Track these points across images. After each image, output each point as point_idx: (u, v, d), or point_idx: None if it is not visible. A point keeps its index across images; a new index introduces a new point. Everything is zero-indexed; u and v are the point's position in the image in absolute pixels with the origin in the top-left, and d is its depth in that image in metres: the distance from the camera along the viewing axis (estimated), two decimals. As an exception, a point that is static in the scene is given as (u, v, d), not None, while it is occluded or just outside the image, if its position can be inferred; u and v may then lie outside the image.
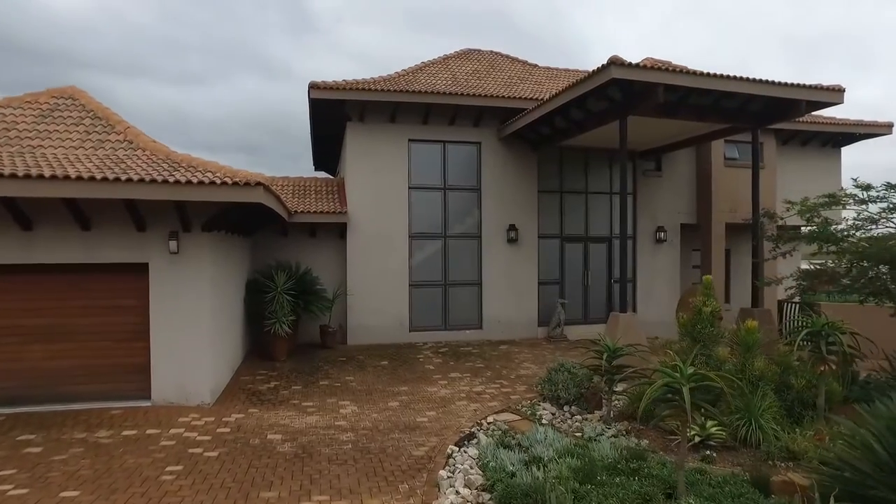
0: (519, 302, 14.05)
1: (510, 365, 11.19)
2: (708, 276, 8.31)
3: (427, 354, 12.10)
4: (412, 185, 13.57)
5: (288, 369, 10.51)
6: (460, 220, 13.88)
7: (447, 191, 13.80)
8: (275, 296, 11.04)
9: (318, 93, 12.20)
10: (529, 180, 14.13)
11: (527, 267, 14.12)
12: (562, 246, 14.60)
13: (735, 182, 15.13)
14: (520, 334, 14.04)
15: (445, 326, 13.76)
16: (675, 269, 15.27)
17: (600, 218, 14.88)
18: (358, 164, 13.23)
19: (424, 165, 13.67)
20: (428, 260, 13.71)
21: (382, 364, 11.10)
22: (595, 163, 14.78)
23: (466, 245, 13.91)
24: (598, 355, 7.92)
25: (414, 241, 13.60)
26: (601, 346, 7.91)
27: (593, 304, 14.84)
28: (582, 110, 10.99)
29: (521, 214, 14.04)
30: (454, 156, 13.84)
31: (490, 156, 13.90)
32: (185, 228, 7.69)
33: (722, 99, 10.42)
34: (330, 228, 13.47)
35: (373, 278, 13.17)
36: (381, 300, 13.21)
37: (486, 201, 13.89)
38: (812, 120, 15.57)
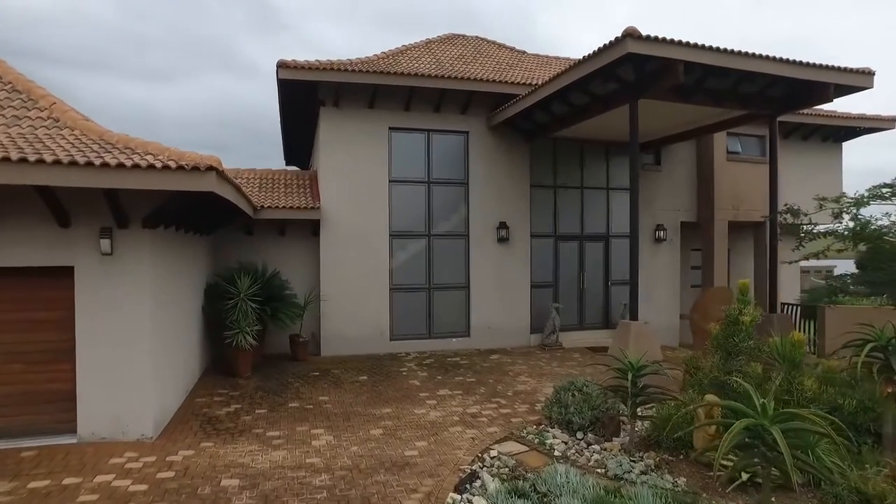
0: (510, 307, 12.87)
1: (505, 379, 9.98)
2: (744, 280, 7.21)
3: (411, 367, 10.81)
4: (393, 178, 12.27)
5: (252, 387, 9.11)
6: (446, 218, 12.63)
7: (431, 185, 12.54)
8: (237, 303, 9.62)
9: (288, 73, 10.81)
10: (521, 174, 12.95)
11: (518, 268, 12.94)
12: (556, 245, 13.45)
13: (737, 178, 14.21)
14: (511, 342, 12.85)
15: (430, 335, 12.49)
16: (675, 270, 14.27)
17: (596, 215, 13.78)
18: (332, 155, 11.87)
19: (406, 156, 12.38)
20: (410, 261, 12.43)
21: (361, 379, 9.78)
22: (591, 155, 13.68)
23: (452, 245, 12.67)
24: (619, 374, 6.75)
25: (395, 241, 12.30)
26: (623, 363, 6.74)
27: (589, 308, 13.74)
28: (586, 94, 9.84)
29: (512, 211, 12.85)
30: (439, 146, 12.59)
31: (479, 146, 12.68)
32: (120, 224, 6.26)
33: (742, 82, 9.39)
34: (301, 226, 12.08)
35: (349, 281, 11.84)
36: (358, 306, 11.88)
37: (473, 196, 12.66)
38: (814, 113, 14.76)
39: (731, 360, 6.79)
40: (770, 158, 10.35)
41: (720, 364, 6.87)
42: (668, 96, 9.11)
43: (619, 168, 13.89)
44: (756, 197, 14.33)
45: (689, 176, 14.47)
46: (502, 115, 11.94)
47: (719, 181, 13.96)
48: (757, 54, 8.41)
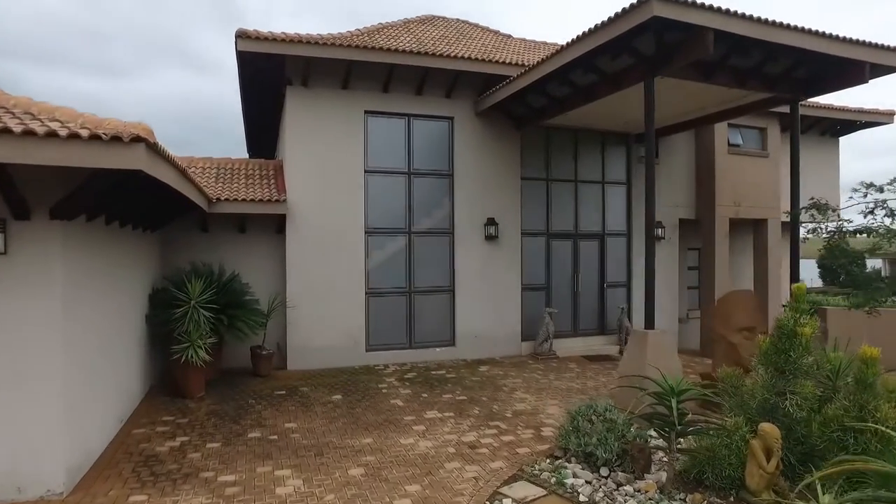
0: (499, 312, 11.64)
1: (499, 396, 8.75)
2: (800, 283, 6.10)
3: (391, 383, 9.48)
4: (369, 168, 10.91)
5: (205, 412, 7.65)
6: (428, 213, 11.33)
7: (412, 176, 11.23)
8: (187, 311, 8.14)
9: (249, 44, 9.35)
10: (511, 165, 11.74)
11: (508, 269, 11.72)
12: (548, 244, 12.29)
13: (739, 172, 13.29)
14: (501, 351, 11.62)
15: (410, 344, 11.16)
16: (674, 271, 13.27)
17: (591, 211, 12.67)
18: (300, 142, 10.45)
19: (384, 144, 11.04)
20: (389, 261, 11.09)
21: (334, 399, 8.41)
22: (585, 146, 12.56)
23: (436, 243, 11.38)
24: (656, 398, 5.57)
25: (371, 238, 10.94)
26: (660, 385, 5.56)
27: (584, 312, 12.62)
28: (593, 71, 8.67)
29: (501, 206, 11.63)
30: (421, 133, 11.28)
31: (465, 134, 11.42)
32: (18, 214, 4.78)
33: (766, 61, 8.36)
34: (264, 222, 10.62)
35: (319, 285, 10.43)
36: (330, 312, 10.48)
37: (459, 189, 11.40)
38: (814, 104, 13.97)
39: (783, 379, 5.69)
40: (791, 147, 9.38)
41: (769, 383, 5.76)
42: (689, 74, 8.02)
43: (615, 160, 12.83)
44: (757, 193, 13.45)
45: (688, 169, 13.50)
46: (492, 99, 10.70)
47: (721, 175, 13.02)
48: (793, 26, 7.36)
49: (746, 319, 8.22)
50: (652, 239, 8.06)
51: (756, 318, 8.33)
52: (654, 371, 7.67)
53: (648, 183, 8.01)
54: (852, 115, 14.60)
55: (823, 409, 5.54)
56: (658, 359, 7.67)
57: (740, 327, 8.18)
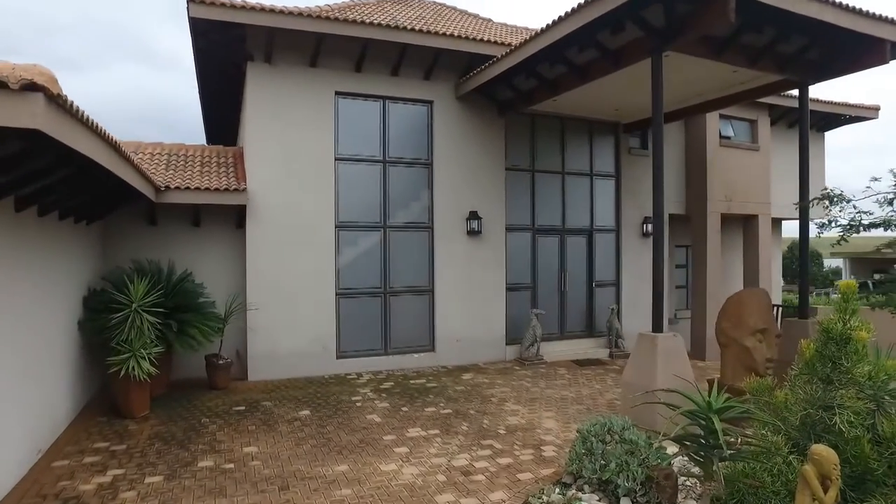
0: (483, 314, 10.72)
1: (488, 408, 7.82)
2: (849, 281, 5.31)
3: (366, 394, 8.45)
4: (340, 155, 9.86)
5: (148, 436, 6.49)
6: (405, 205, 10.34)
7: (388, 165, 10.22)
8: (128, 315, 6.96)
9: (204, 10, 8.19)
10: (495, 154, 10.84)
11: (492, 267, 10.81)
12: (534, 240, 11.43)
13: (730, 165, 12.69)
14: (484, 356, 10.70)
15: (386, 350, 10.15)
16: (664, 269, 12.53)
17: (579, 205, 11.86)
18: (263, 125, 9.33)
19: (357, 129, 10.00)
20: (362, 259, 10.05)
21: (302, 416, 7.34)
22: (573, 136, 11.75)
23: (413, 238, 10.39)
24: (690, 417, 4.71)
25: (342, 233, 9.89)
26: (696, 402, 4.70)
27: (571, 313, 11.80)
28: (592, 46, 7.82)
29: (484, 198, 10.72)
30: (398, 118, 10.28)
31: (445, 119, 10.47)
32: None
33: (779, 40, 7.65)
34: (222, 214, 9.46)
35: (285, 285, 9.34)
36: (296, 316, 9.39)
37: (439, 180, 10.43)
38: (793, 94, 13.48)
39: (831, 391, 4.91)
40: (801, 134, 8.70)
41: (814, 396, 4.97)
42: (700, 50, 7.23)
43: (604, 151, 12.06)
44: (748, 188, 12.88)
45: (678, 163, 12.83)
46: (476, 81, 9.77)
47: (712, 169, 12.38)
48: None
49: (760, 321, 7.50)
50: (661, 233, 7.27)
51: (769, 319, 7.62)
52: (675, 381, 6.87)
53: (656, 172, 7.21)
54: (839, 109, 14.19)
55: (876, 426, 4.78)
56: (669, 366, 6.88)
57: (754, 330, 7.46)
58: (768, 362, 7.49)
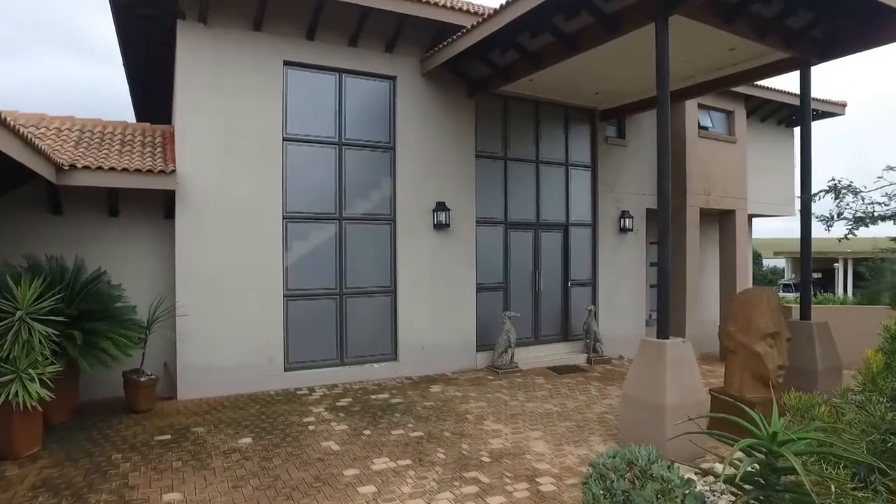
0: (451, 317, 9.58)
1: (466, 428, 6.69)
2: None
3: (320, 414, 7.17)
4: (289, 135, 8.52)
5: (31, 484, 5.00)
6: (364, 194, 9.09)
7: (344, 147, 8.94)
8: (12, 326, 5.45)
9: (118, -50, 6.71)
10: (465, 139, 9.72)
11: (462, 265, 9.69)
12: (506, 235, 10.38)
13: (708, 158, 12.03)
14: (453, 365, 9.57)
15: (342, 360, 8.87)
16: (641, 266, 11.77)
17: (554, 197, 10.89)
18: (196, 96, 7.89)
19: (309, 106, 8.68)
20: (314, 255, 8.74)
21: (242, 445, 6.00)
22: (548, 122, 10.77)
23: (373, 232, 9.15)
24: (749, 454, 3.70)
25: (291, 226, 8.55)
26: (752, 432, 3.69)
27: (546, 316, 10.82)
28: (586, 8, 6.79)
29: (453, 188, 9.59)
30: (356, 94, 9.02)
31: (410, 98, 9.27)
32: None
33: (786, 13, 6.87)
34: (146, 202, 7.97)
35: (223, 286, 7.93)
36: (236, 321, 8.00)
37: (403, 166, 9.23)
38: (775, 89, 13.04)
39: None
40: (803, 119, 7.97)
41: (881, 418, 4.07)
42: (708, 16, 6.35)
43: (580, 139, 11.15)
44: (726, 181, 12.27)
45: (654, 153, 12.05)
46: (446, 54, 8.62)
47: (691, 160, 11.68)
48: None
49: (771, 323, 6.67)
50: (667, 226, 6.31)
51: (780, 321, 6.80)
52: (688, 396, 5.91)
53: (662, 155, 6.25)
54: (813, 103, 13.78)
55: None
56: (680, 378, 5.93)
57: (765, 333, 6.62)
58: (779, 370, 6.68)
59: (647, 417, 5.92)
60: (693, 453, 5.90)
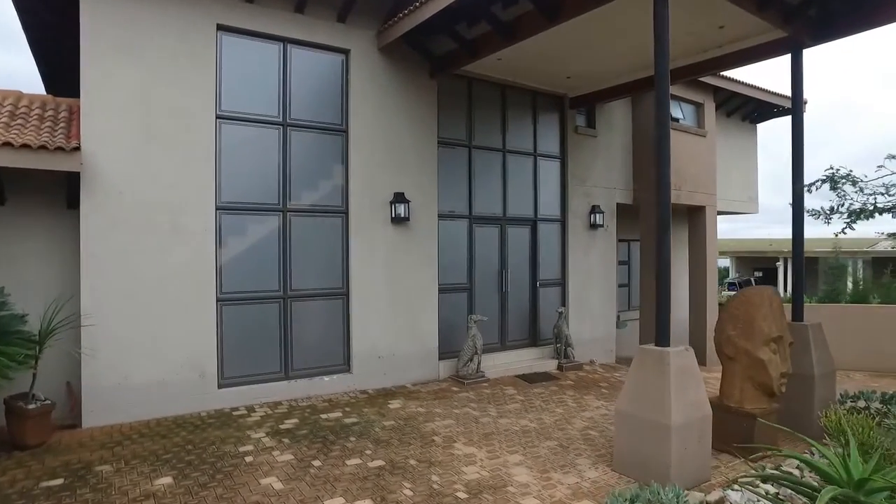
0: (411, 322, 8.56)
1: (434, 454, 5.70)
2: None
3: (261, 440, 6.00)
4: (224, 112, 7.29)
5: None
6: (312, 184, 7.96)
7: (289, 129, 7.78)
8: None
9: None
10: (426, 124, 8.73)
11: (423, 264, 8.69)
12: (471, 231, 9.44)
13: (679, 151, 11.43)
14: (413, 375, 8.55)
15: (287, 373, 7.70)
16: (611, 265, 11.08)
17: (522, 190, 10.03)
18: (108, 63, 6.56)
19: (248, 79, 7.48)
20: (254, 253, 7.53)
21: (158, 488, 4.79)
22: (516, 108, 9.91)
23: (323, 226, 8.03)
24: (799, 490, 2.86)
25: (226, 218, 7.33)
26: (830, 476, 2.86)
27: (513, 319, 9.94)
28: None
29: (413, 178, 8.57)
30: (304, 69, 7.87)
31: (365, 76, 8.20)
32: None
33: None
34: (44, 187, 6.59)
35: (142, 289, 6.63)
36: (158, 331, 6.72)
37: (356, 152, 8.15)
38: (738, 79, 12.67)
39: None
40: (793, 104, 7.34)
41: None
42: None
43: (549, 128, 10.35)
44: (697, 175, 11.76)
45: (625, 146, 11.42)
46: (406, 24, 7.58)
47: (662, 153, 11.05)
48: None
49: (775, 327, 5.99)
50: (667, 218, 5.55)
51: (783, 324, 6.14)
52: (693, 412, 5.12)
53: (661, 141, 5.47)
54: (776, 99, 13.54)
55: None
56: (686, 392, 5.13)
57: (768, 338, 5.93)
58: (782, 378, 6.01)
59: (647, 438, 5.10)
60: (698, 476, 5.13)
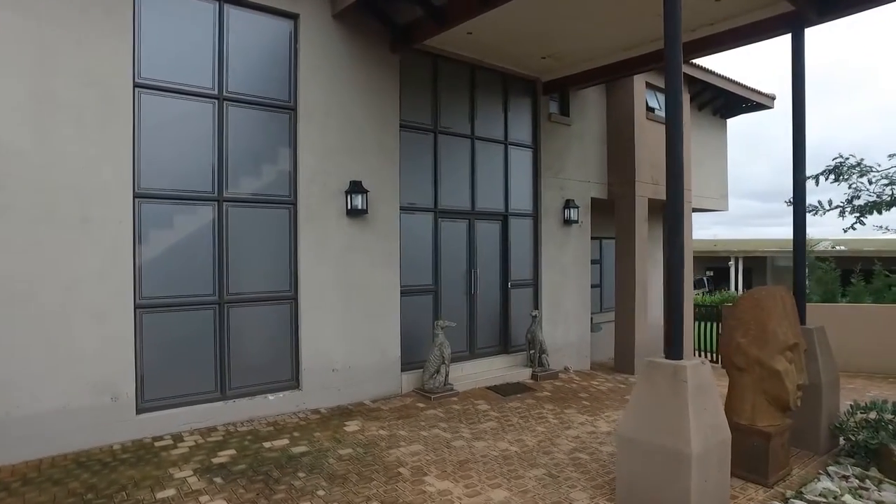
0: (369, 330, 7.49)
1: (401, 492, 4.69)
2: None
3: (186, 482, 4.83)
4: (144, 80, 6.05)
5: None
6: (254, 169, 6.79)
7: (227, 104, 6.59)
8: None
9: None
10: (387, 103, 7.69)
11: (382, 262, 7.64)
12: (436, 226, 8.45)
13: (656, 143, 10.78)
14: (373, 391, 7.49)
15: (223, 392, 6.51)
16: (585, 264, 10.29)
17: (492, 182, 9.11)
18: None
19: (175, 42, 6.25)
20: (182, 250, 6.31)
21: (37, 561, 3.61)
22: (485, 91, 8.98)
23: (266, 219, 6.87)
24: None
25: (148, 208, 6.09)
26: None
27: (483, 324, 9.01)
28: None
29: (371, 164, 7.52)
30: (245, 34, 6.70)
31: (317, 46, 7.09)
32: None
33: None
34: None
35: (32, 297, 5.34)
36: (56, 347, 5.43)
37: (306, 133, 7.02)
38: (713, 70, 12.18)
39: None
40: (794, 85, 6.66)
41: None
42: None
43: (521, 114, 9.48)
44: (672, 169, 11.10)
45: (599, 137, 10.67)
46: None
47: (640, 145, 10.38)
48: None
49: (790, 333, 5.25)
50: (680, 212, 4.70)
51: (798, 329, 5.41)
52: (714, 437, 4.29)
53: (673, 129, 4.64)
54: (745, 92, 13.13)
55: None
56: (705, 413, 4.30)
57: (784, 346, 5.19)
58: (798, 390, 5.28)
59: (659, 468, 4.24)
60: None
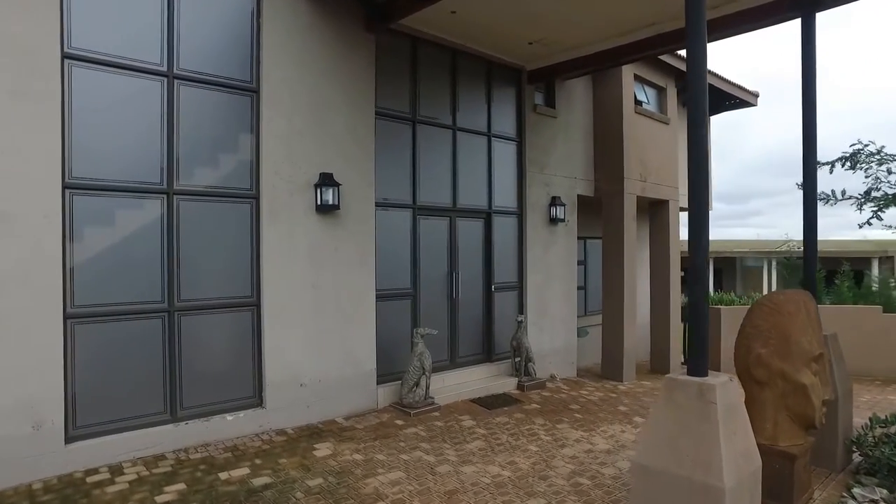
0: (341, 339, 6.72)
1: (384, 536, 3.95)
2: None
3: (118, 531, 4.01)
4: (76, 51, 5.18)
5: None
6: (210, 158, 5.96)
7: (178, 82, 5.74)
8: None
9: None
10: (361, 87, 6.94)
11: (356, 264, 6.88)
12: (415, 223, 7.74)
13: (644, 138, 10.31)
14: (346, 406, 6.72)
15: (173, 413, 5.66)
16: (572, 265, 9.70)
17: (475, 177, 8.43)
18: None
19: (115, 8, 5.39)
20: (124, 250, 5.45)
21: None
22: (468, 79, 8.31)
23: (224, 216, 6.05)
24: None
25: (81, 201, 5.22)
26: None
27: (465, 331, 8.32)
28: None
29: (344, 155, 6.76)
30: (199, 4, 5.87)
31: (284, 21, 6.30)
32: None
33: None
34: None
35: (-63, 303, 4.45)
36: (-33, 365, 4.55)
37: (270, 118, 6.22)
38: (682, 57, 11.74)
39: None
40: (804, 74, 6.16)
41: None
42: None
43: (505, 105, 8.84)
44: (661, 166, 10.64)
45: (585, 131, 10.10)
46: (337, -50, 5.80)
47: (628, 140, 9.84)
48: None
49: (815, 342, 4.71)
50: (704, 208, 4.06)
51: (822, 338, 4.87)
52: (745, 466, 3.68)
53: (695, 114, 3.99)
54: (731, 89, 12.76)
55: None
56: (734, 438, 3.69)
57: (809, 357, 4.63)
58: (823, 406, 4.74)
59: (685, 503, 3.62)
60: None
